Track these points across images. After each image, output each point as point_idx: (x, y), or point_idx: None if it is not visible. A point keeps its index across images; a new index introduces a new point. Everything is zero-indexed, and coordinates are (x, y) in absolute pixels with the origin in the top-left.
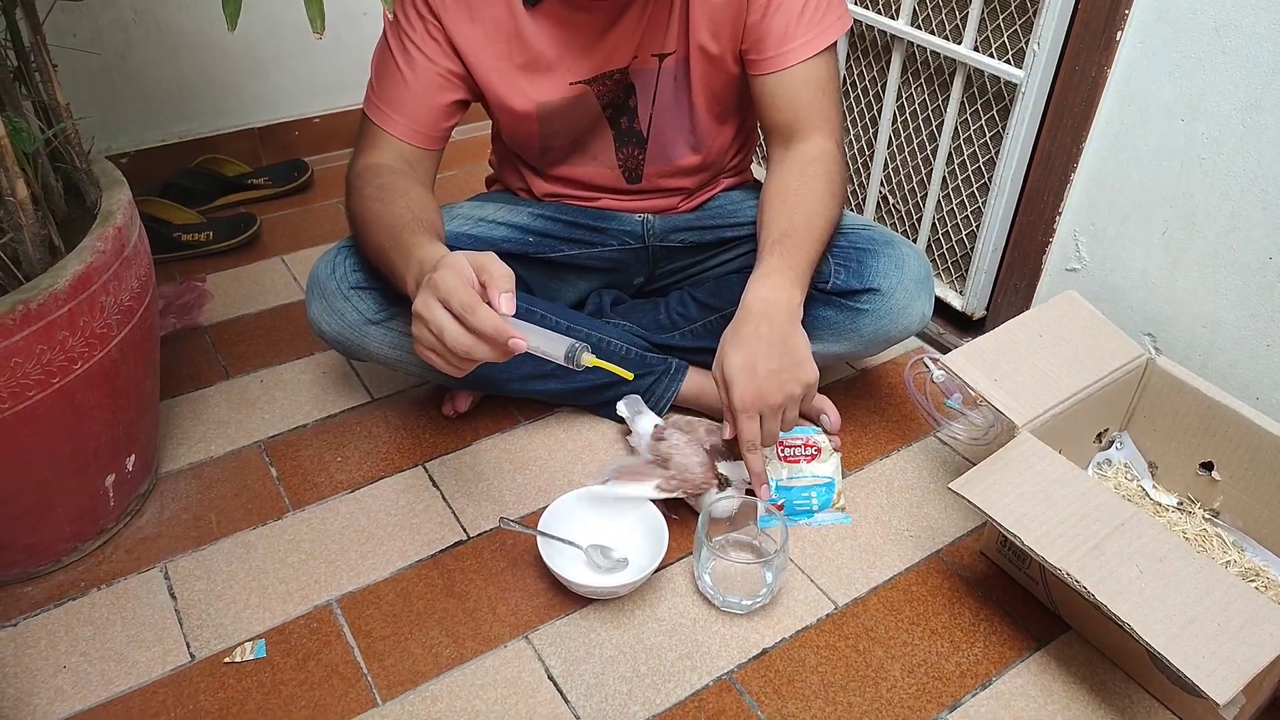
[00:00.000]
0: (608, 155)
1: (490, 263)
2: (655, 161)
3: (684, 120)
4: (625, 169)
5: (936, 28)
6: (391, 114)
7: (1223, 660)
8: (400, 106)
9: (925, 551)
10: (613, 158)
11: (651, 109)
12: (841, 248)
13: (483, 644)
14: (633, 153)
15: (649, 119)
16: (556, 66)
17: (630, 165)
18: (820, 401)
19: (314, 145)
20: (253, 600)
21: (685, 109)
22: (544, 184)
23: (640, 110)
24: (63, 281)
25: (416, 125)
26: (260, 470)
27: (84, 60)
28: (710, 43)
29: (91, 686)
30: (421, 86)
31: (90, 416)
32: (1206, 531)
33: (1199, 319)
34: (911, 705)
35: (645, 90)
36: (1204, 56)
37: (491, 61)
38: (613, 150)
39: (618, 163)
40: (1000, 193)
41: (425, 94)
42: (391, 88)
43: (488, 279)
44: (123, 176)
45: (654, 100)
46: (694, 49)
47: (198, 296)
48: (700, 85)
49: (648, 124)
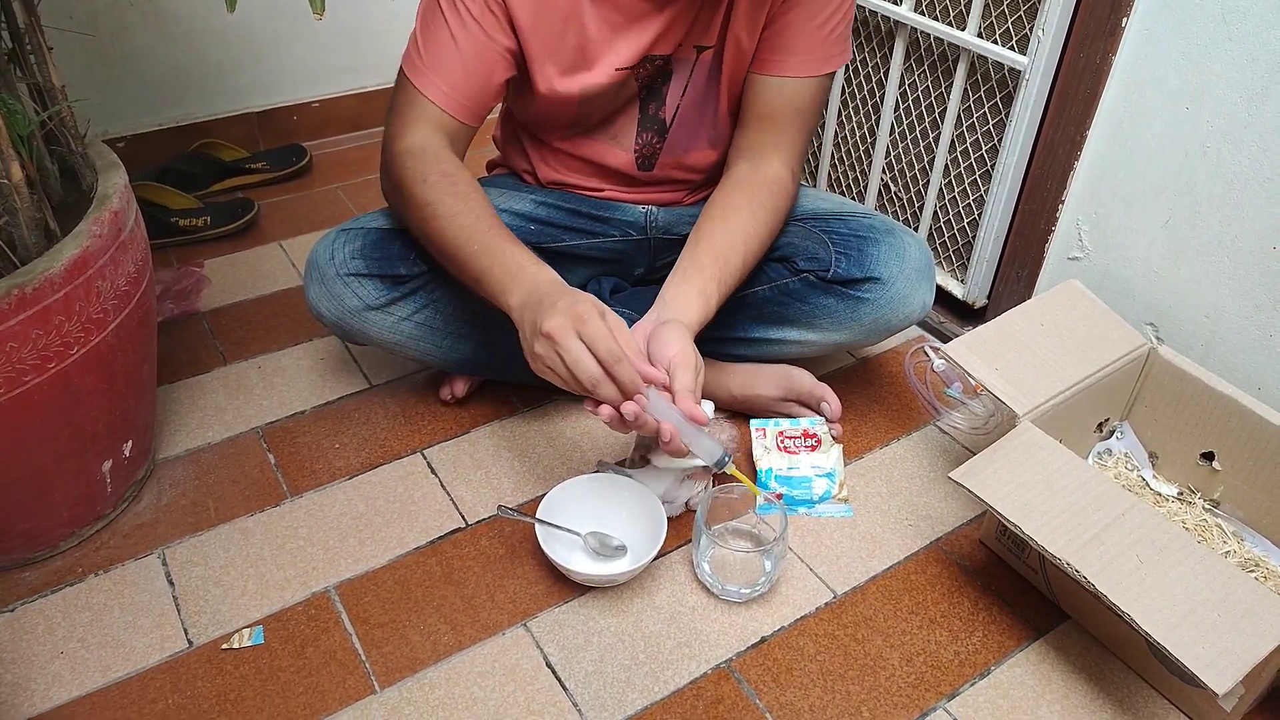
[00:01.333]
0: (627, 138)
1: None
2: (671, 152)
3: (709, 115)
4: (640, 155)
5: (940, 14)
6: (438, 81)
7: (1222, 650)
8: (448, 75)
9: (925, 540)
10: (631, 141)
11: (680, 99)
12: (843, 235)
13: (481, 631)
14: (650, 140)
15: (675, 109)
16: (606, 52)
17: (646, 153)
18: (820, 389)
19: (312, 130)
20: (250, 587)
21: (712, 104)
22: (549, 170)
23: (669, 99)
24: (58, 266)
25: (463, 98)
26: (258, 457)
27: (80, 43)
28: (745, 37)
29: (89, 672)
30: (474, 59)
31: (87, 402)
32: (1206, 522)
33: (1201, 309)
34: (910, 694)
35: (679, 80)
36: (1210, 44)
37: (545, 42)
38: (634, 134)
39: (634, 148)
40: (1003, 181)
41: (477, 67)
42: (441, 53)
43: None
44: (119, 160)
45: (685, 91)
46: (730, 43)
47: (195, 282)
48: (728, 81)
49: (673, 114)
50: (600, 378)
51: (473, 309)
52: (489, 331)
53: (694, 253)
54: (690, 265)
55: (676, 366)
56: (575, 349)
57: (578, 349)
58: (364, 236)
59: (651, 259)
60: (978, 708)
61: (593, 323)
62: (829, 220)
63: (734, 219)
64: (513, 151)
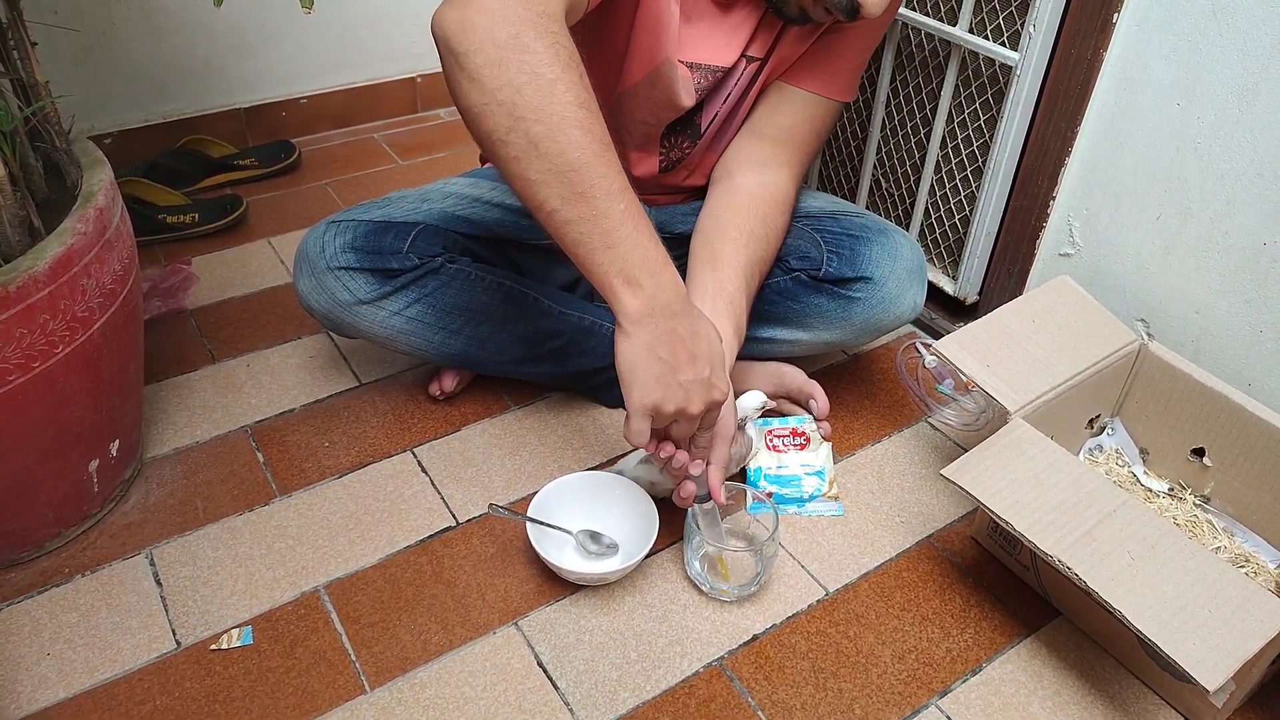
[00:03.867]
0: (652, 145)
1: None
2: (695, 157)
3: (735, 124)
4: (666, 158)
5: (931, 9)
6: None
7: (1213, 647)
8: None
9: (916, 537)
10: (656, 146)
11: (720, 106)
12: (834, 234)
13: (472, 630)
14: (680, 143)
15: (714, 116)
16: (680, 38)
17: (674, 156)
18: (810, 386)
19: (301, 126)
20: (239, 587)
21: (741, 113)
22: None
23: (709, 106)
24: (42, 264)
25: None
26: (247, 455)
27: (66, 38)
28: (790, 51)
29: (76, 674)
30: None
31: (72, 401)
32: (1197, 518)
33: (1192, 304)
34: (902, 691)
35: (725, 89)
36: (1201, 40)
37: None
38: (667, 137)
39: (660, 150)
40: (994, 177)
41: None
42: None
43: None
44: (104, 157)
45: (726, 99)
46: (776, 55)
47: (183, 279)
48: (758, 92)
49: (709, 120)
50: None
51: (465, 304)
52: (481, 327)
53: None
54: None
55: (718, 437)
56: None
57: (693, 430)
58: (355, 229)
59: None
60: (969, 704)
61: (726, 402)
62: (821, 219)
63: (753, 246)
64: None
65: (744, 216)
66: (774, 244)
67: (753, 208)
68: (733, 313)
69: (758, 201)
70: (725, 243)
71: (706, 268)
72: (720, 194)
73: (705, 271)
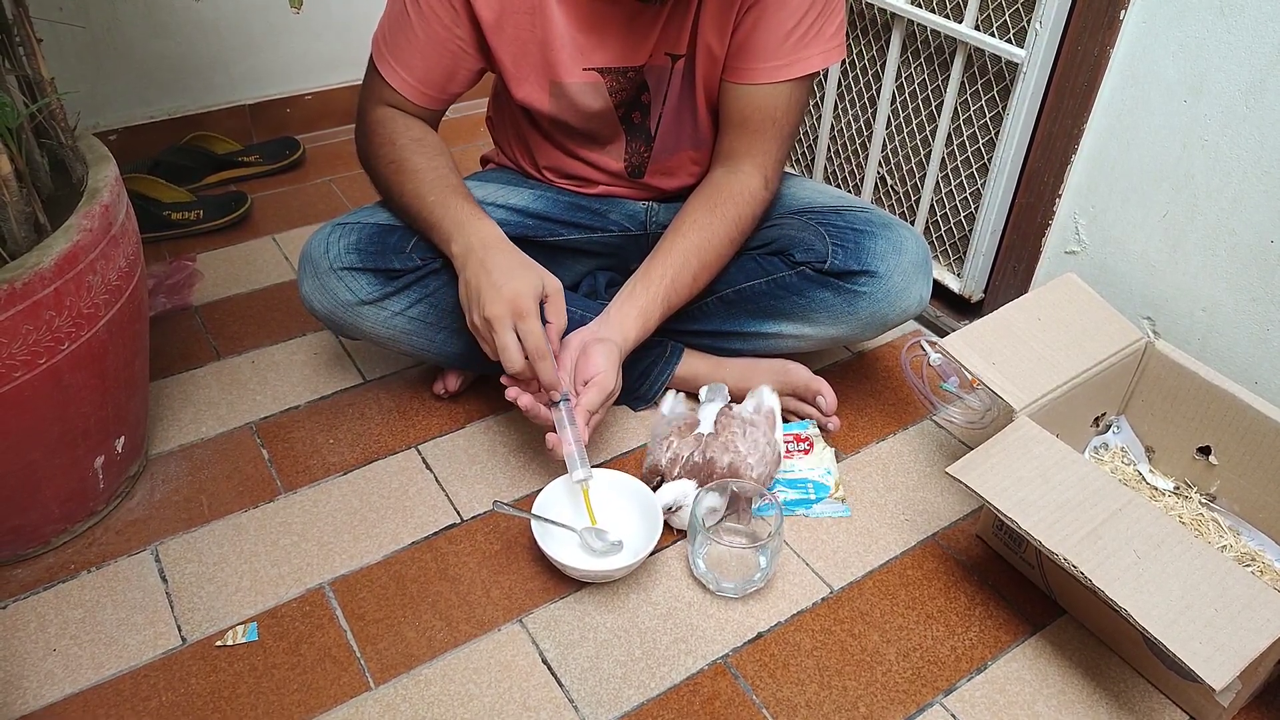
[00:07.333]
0: (617, 149)
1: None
2: (659, 159)
3: (688, 122)
4: (629, 165)
5: (937, 6)
6: (400, 70)
7: (1219, 646)
8: (409, 64)
9: (921, 535)
10: (621, 151)
11: (662, 108)
12: (839, 228)
13: (476, 627)
14: (639, 149)
15: (659, 117)
16: (572, 50)
17: (635, 161)
18: (816, 383)
19: (306, 123)
20: (244, 583)
21: (689, 111)
22: (546, 156)
23: (652, 108)
24: (48, 260)
25: (425, 87)
26: (252, 452)
27: (72, 34)
28: (715, 43)
29: (82, 670)
30: (433, 52)
31: (78, 398)
32: (1203, 516)
33: (1198, 302)
34: (906, 689)
35: (658, 89)
36: (1208, 37)
37: (512, 32)
38: (623, 145)
39: (624, 157)
40: (1000, 174)
41: (437, 60)
42: (402, 42)
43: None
44: (109, 153)
45: (665, 99)
46: (701, 49)
47: (188, 276)
48: (703, 86)
49: (656, 122)
50: (522, 369)
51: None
52: None
53: (647, 268)
54: (640, 282)
55: (591, 386)
56: (509, 342)
57: (511, 342)
58: (359, 231)
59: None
60: (974, 703)
61: (529, 321)
62: (826, 213)
63: (692, 234)
64: (509, 135)
65: (692, 206)
66: (721, 230)
67: (706, 196)
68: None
69: (713, 190)
70: (668, 232)
71: (645, 260)
72: (694, 189)
73: (642, 264)
